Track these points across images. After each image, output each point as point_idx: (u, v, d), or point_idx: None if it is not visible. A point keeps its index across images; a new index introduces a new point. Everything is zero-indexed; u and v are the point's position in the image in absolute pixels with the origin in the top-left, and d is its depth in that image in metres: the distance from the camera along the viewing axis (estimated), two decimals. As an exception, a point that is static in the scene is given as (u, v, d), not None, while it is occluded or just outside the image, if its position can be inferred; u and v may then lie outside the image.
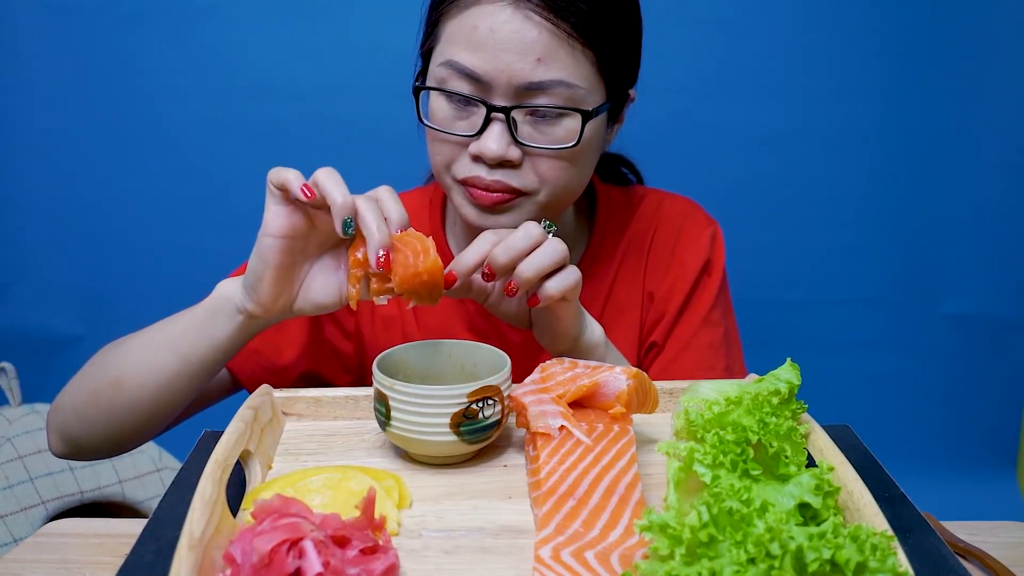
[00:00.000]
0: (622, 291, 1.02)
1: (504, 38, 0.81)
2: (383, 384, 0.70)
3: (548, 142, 0.85)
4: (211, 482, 0.57)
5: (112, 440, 0.88)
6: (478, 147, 0.85)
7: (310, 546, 0.51)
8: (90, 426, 0.87)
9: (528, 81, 0.82)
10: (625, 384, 0.70)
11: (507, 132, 0.84)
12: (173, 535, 0.52)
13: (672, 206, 1.06)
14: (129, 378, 0.84)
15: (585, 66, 0.84)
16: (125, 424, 0.86)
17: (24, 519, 1.35)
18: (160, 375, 0.83)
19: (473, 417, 0.69)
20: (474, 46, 0.82)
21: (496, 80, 0.82)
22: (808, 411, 0.70)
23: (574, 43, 0.82)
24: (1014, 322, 2.01)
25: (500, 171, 0.85)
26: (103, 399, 0.85)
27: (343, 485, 0.64)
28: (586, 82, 0.84)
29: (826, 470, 0.59)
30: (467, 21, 0.83)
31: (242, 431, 0.68)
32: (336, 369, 1.02)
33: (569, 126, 0.85)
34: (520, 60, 0.81)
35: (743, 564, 0.46)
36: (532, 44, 0.81)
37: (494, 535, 0.62)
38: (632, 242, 1.03)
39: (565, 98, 0.83)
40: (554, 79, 0.82)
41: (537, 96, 0.83)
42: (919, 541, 0.55)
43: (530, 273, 0.76)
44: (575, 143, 0.85)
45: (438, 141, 0.88)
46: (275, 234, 0.75)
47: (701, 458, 0.59)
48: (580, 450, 0.66)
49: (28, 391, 1.52)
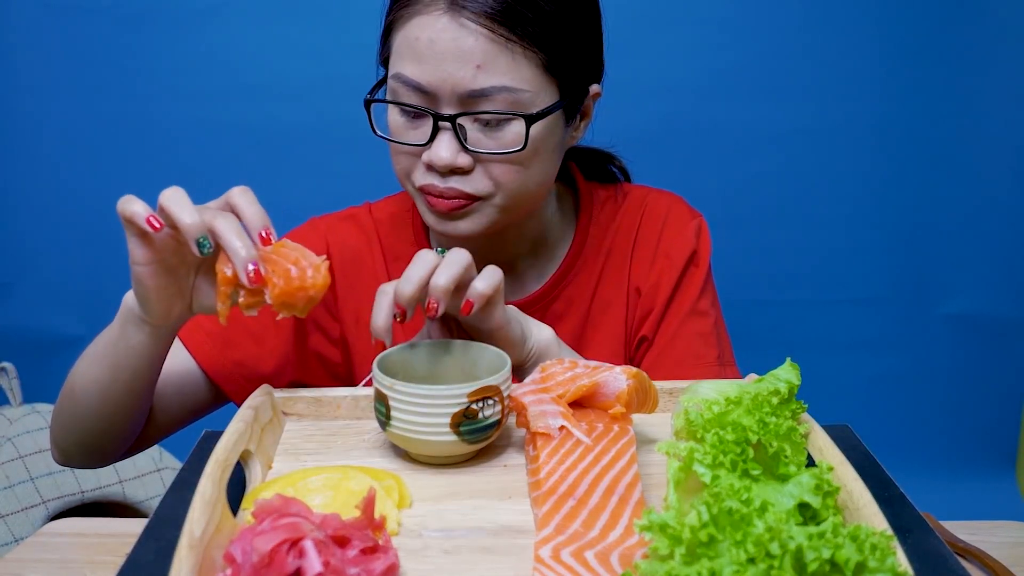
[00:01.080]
0: (608, 288, 1.02)
1: (443, 48, 0.82)
2: (383, 384, 0.71)
3: (496, 147, 0.86)
4: (211, 482, 0.57)
5: (86, 448, 0.91)
6: (428, 156, 0.86)
7: (310, 546, 0.51)
8: (66, 434, 0.90)
9: (469, 89, 0.83)
10: (625, 384, 0.70)
11: (455, 140, 0.85)
12: (173, 535, 0.52)
13: (656, 200, 1.06)
14: (77, 389, 0.86)
15: (528, 68, 0.84)
16: (86, 433, 0.88)
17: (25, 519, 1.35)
18: (97, 385, 0.84)
19: (473, 417, 0.69)
20: (417, 57, 0.84)
21: (440, 90, 0.83)
22: (808, 411, 0.70)
23: (514, 47, 0.83)
24: (1014, 322, 2.01)
25: (453, 178, 0.87)
26: (67, 409, 0.88)
27: (343, 485, 0.64)
28: (530, 84, 0.84)
29: (826, 470, 0.59)
30: (411, 32, 0.84)
31: (242, 431, 0.68)
32: (323, 377, 1.01)
33: (516, 130, 0.85)
34: (460, 69, 0.82)
35: (743, 564, 0.46)
36: (470, 52, 0.82)
37: (494, 535, 0.62)
38: (617, 238, 1.03)
39: (509, 103, 0.84)
40: (495, 85, 0.83)
41: (480, 103, 0.84)
42: (919, 541, 0.55)
43: (442, 281, 0.76)
44: (522, 147, 0.85)
45: (395, 152, 0.90)
46: (142, 262, 0.73)
47: (701, 458, 0.59)
48: (580, 450, 0.66)
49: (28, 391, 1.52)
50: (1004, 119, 1.91)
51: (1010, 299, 2.00)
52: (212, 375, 0.94)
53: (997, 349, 2.03)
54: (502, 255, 0.99)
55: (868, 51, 1.87)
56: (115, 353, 0.82)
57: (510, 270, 1.00)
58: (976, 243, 1.97)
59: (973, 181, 1.94)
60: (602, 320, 1.02)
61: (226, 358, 0.95)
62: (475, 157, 0.86)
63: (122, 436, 0.90)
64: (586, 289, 1.02)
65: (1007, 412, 2.08)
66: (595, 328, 1.01)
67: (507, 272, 1.00)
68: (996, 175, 1.94)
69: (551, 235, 1.03)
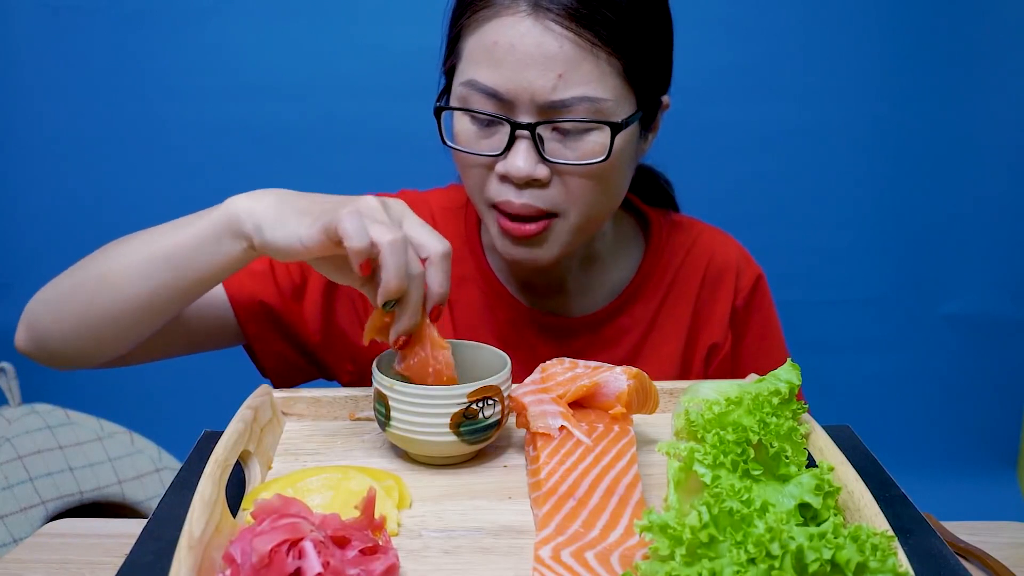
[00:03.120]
0: (666, 323, 1.00)
1: (525, 53, 0.78)
2: (383, 384, 0.70)
3: (577, 158, 0.82)
4: (211, 482, 0.57)
5: (80, 340, 0.83)
6: (505, 166, 0.82)
7: (310, 546, 0.51)
8: (62, 320, 0.83)
9: (550, 100, 0.79)
10: (625, 384, 0.70)
11: (534, 150, 0.81)
12: (173, 535, 0.52)
13: (725, 249, 1.04)
14: (116, 276, 0.79)
15: (611, 76, 0.81)
16: (99, 322, 0.81)
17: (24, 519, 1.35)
18: (148, 281, 0.78)
19: (473, 417, 0.69)
20: (494, 63, 0.80)
21: (518, 97, 0.80)
22: (808, 411, 0.70)
23: (599, 53, 0.79)
24: (1014, 322, 2.01)
25: (528, 192, 0.83)
26: (82, 293, 0.81)
27: (343, 485, 0.64)
28: (613, 93, 0.81)
29: (826, 470, 0.59)
30: (487, 36, 0.81)
31: (242, 431, 0.68)
32: (343, 357, 0.98)
33: (598, 140, 0.81)
34: (541, 76, 0.78)
35: (743, 564, 0.46)
36: (553, 58, 0.78)
37: (494, 535, 0.62)
38: (678, 281, 1.01)
39: (591, 112, 0.80)
40: (577, 96, 0.79)
41: (561, 113, 0.80)
42: (919, 541, 0.55)
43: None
44: (605, 157, 0.81)
45: (466, 164, 0.86)
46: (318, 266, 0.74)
47: (701, 458, 0.59)
48: (580, 450, 0.66)
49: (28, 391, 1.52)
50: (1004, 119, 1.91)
51: (1010, 299, 2.00)
52: (235, 307, 0.92)
53: (997, 349, 2.03)
54: (553, 274, 0.97)
55: (868, 51, 1.87)
56: (191, 256, 0.76)
57: (559, 290, 0.99)
58: (976, 243, 1.97)
59: (973, 181, 1.94)
60: (656, 352, 0.99)
61: (254, 296, 0.93)
62: (553, 168, 0.82)
63: (131, 341, 0.84)
64: (645, 316, 0.99)
65: (1007, 412, 2.08)
66: (645, 359, 0.99)
67: (555, 292, 0.99)
68: (996, 175, 1.94)
69: (604, 254, 1.00)
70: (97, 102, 1.85)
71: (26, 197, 1.90)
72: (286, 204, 0.72)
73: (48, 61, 1.84)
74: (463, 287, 0.98)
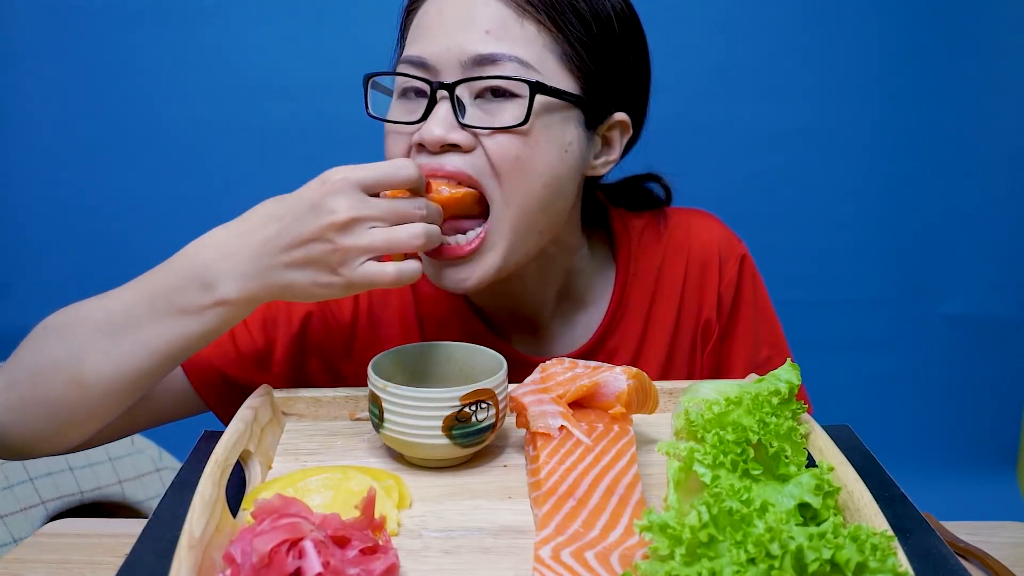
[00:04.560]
0: (656, 331, 0.97)
1: (451, 17, 0.79)
2: (376, 386, 0.70)
3: (496, 123, 0.78)
4: (211, 482, 0.57)
5: (46, 438, 0.77)
6: (420, 134, 0.79)
7: (310, 546, 0.51)
8: (24, 421, 0.75)
9: (476, 53, 0.77)
10: (625, 384, 0.70)
11: (451, 113, 0.78)
12: (173, 535, 0.52)
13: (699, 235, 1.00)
14: (90, 377, 0.73)
15: (540, 48, 0.79)
16: (74, 422, 0.76)
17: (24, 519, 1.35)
18: (129, 375, 0.74)
19: (466, 420, 0.69)
20: (423, 33, 0.80)
21: (442, 60, 0.78)
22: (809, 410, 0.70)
23: (526, 17, 0.78)
24: (1014, 322, 2.01)
25: (448, 156, 0.79)
26: (53, 396, 0.74)
27: (343, 485, 0.64)
28: (542, 66, 0.79)
29: (826, 470, 0.59)
30: (421, 16, 0.81)
31: (242, 431, 0.68)
32: None
33: (519, 106, 0.78)
34: (467, 36, 0.77)
35: (743, 564, 0.46)
36: (479, 17, 0.78)
37: (494, 535, 0.62)
38: (661, 286, 0.98)
39: (519, 73, 0.77)
40: (505, 53, 0.77)
41: (487, 68, 0.77)
42: (919, 541, 0.55)
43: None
44: (523, 120, 0.77)
45: (388, 139, 0.83)
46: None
47: (701, 458, 0.59)
48: (580, 450, 0.66)
49: (28, 391, 1.52)
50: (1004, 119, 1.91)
51: (1010, 299, 2.01)
52: (194, 382, 0.87)
53: (997, 349, 2.03)
54: (525, 310, 0.94)
55: (868, 51, 1.87)
56: (180, 342, 0.73)
57: (535, 330, 0.96)
58: (976, 243, 1.97)
59: (973, 181, 1.94)
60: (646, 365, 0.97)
61: (213, 367, 0.88)
62: (474, 134, 0.78)
63: (102, 427, 0.79)
64: (631, 339, 0.97)
65: (1007, 412, 2.08)
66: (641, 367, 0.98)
67: (532, 331, 0.96)
68: (996, 175, 1.94)
69: (581, 285, 0.97)
70: (97, 102, 1.85)
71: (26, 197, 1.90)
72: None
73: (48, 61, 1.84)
74: (446, 328, 0.96)
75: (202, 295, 0.71)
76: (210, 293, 0.71)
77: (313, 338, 0.93)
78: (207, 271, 0.71)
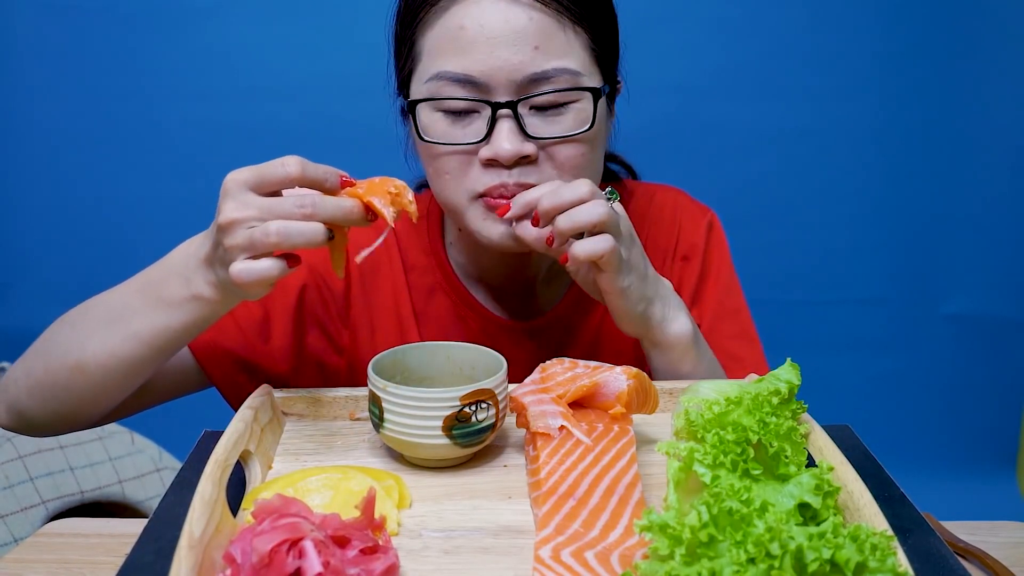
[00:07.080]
0: None
1: (494, 31, 0.77)
2: (376, 385, 0.70)
3: (562, 131, 0.81)
4: (211, 482, 0.57)
5: (65, 417, 0.84)
6: (491, 150, 0.79)
7: (310, 546, 0.51)
8: (43, 403, 0.82)
9: (530, 73, 0.78)
10: (625, 384, 0.70)
11: (517, 128, 0.79)
12: (173, 535, 0.52)
13: (663, 200, 1.03)
14: (91, 363, 0.78)
15: (580, 49, 0.80)
16: (83, 404, 0.81)
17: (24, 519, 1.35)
18: (123, 362, 0.77)
19: (466, 420, 0.69)
20: (463, 49, 0.78)
21: (493, 78, 0.78)
22: (808, 411, 0.70)
23: (565, 23, 0.79)
24: (1014, 322, 2.01)
25: (519, 170, 0.81)
26: (61, 381, 0.80)
27: (343, 485, 0.64)
28: (584, 66, 0.81)
29: (826, 470, 0.59)
30: (451, 23, 0.79)
31: (242, 431, 0.68)
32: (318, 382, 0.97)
33: (581, 109, 0.80)
34: (516, 52, 0.77)
35: (743, 564, 0.46)
36: (524, 32, 0.77)
37: (494, 535, 0.62)
38: None
39: (572, 84, 0.79)
40: (557, 67, 0.78)
41: (542, 85, 0.79)
42: (919, 541, 0.55)
43: (564, 225, 0.74)
44: (591, 125, 0.80)
45: (442, 158, 0.83)
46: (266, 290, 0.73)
47: (701, 458, 0.59)
48: (580, 450, 0.66)
49: (28, 391, 1.52)
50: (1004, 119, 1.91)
51: (1010, 299, 2.01)
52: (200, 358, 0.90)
53: (997, 349, 2.03)
54: (520, 276, 0.96)
55: (868, 51, 1.87)
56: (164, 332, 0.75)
57: (529, 293, 0.98)
58: (976, 243, 1.97)
59: (973, 181, 1.94)
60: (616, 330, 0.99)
61: (217, 344, 0.90)
62: (539, 145, 0.80)
63: (113, 408, 0.84)
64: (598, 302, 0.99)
65: (1007, 412, 2.08)
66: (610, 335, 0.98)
67: (525, 295, 0.98)
68: (996, 175, 1.94)
69: None
70: (97, 102, 1.85)
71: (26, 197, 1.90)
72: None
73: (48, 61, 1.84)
74: (432, 298, 0.97)
75: (182, 288, 0.74)
76: (188, 287, 0.74)
77: (309, 308, 0.94)
78: (186, 266, 0.74)
